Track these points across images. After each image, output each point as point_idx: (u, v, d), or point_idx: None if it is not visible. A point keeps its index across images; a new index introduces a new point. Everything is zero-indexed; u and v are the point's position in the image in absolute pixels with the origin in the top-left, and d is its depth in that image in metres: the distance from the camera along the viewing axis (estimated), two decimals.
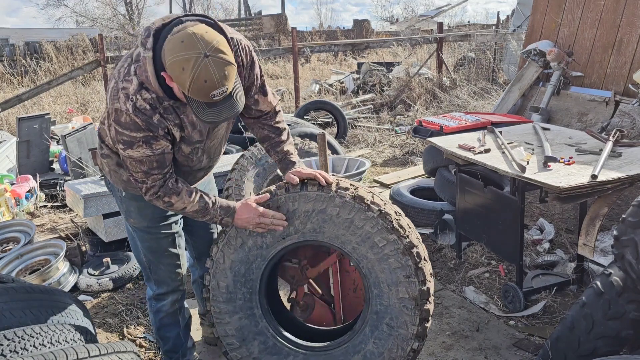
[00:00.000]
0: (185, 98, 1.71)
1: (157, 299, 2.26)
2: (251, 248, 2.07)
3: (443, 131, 4.12)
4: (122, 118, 1.75)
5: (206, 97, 1.64)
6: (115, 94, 1.75)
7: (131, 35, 18.91)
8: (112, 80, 1.81)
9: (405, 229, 1.99)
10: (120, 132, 1.78)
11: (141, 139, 1.77)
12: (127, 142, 1.78)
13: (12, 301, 2.01)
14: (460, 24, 25.27)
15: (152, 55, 1.71)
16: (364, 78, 11.05)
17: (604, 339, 2.03)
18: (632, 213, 1.92)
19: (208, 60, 1.59)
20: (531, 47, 5.24)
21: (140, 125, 1.75)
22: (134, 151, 1.79)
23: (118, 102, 1.74)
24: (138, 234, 2.14)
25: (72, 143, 5.40)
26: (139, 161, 1.81)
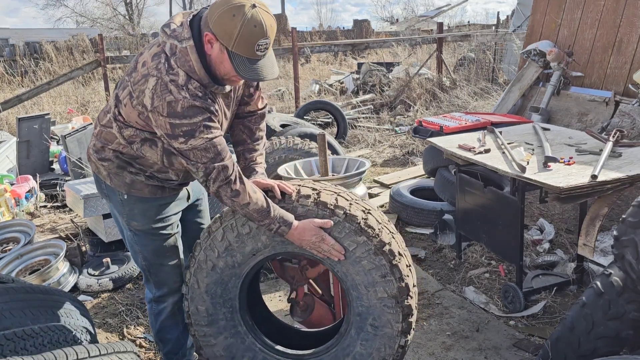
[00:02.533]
0: (227, 57, 1.73)
1: (158, 302, 2.25)
2: (223, 269, 2.03)
3: (443, 131, 4.12)
4: (179, 107, 1.73)
5: (252, 47, 1.71)
6: (164, 88, 1.74)
7: (131, 35, 18.91)
8: (149, 79, 1.77)
9: (375, 228, 1.92)
10: (178, 125, 1.75)
11: (201, 123, 1.76)
12: (188, 132, 1.75)
13: (12, 301, 2.01)
14: (460, 24, 25.27)
15: (193, 44, 1.76)
16: (364, 78, 11.05)
17: (604, 339, 2.03)
18: (632, 213, 1.92)
19: (257, 10, 1.69)
20: (531, 47, 5.24)
21: (200, 107, 1.76)
22: (196, 140, 1.76)
23: (170, 95, 1.73)
24: (140, 237, 2.12)
25: (72, 143, 5.40)
26: (203, 149, 1.78)
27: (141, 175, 2.00)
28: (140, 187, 2.01)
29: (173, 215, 2.15)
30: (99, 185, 2.13)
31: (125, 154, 1.98)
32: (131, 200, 2.04)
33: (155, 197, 2.05)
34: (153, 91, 1.75)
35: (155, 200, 2.05)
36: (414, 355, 2.61)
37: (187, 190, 2.21)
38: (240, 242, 1.98)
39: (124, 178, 2.01)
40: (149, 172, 2.01)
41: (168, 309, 2.25)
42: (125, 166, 1.99)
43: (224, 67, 1.78)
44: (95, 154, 2.03)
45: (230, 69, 1.77)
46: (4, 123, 8.20)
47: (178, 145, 1.79)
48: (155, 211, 2.07)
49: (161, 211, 2.08)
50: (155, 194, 2.04)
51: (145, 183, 2.01)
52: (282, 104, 10.28)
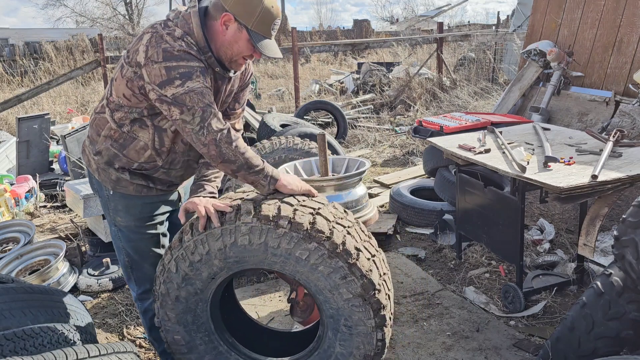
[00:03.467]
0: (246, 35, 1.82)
1: (142, 299, 2.25)
2: (187, 298, 1.99)
3: (443, 131, 4.11)
4: (175, 51, 1.75)
5: (269, 26, 1.85)
6: (159, 39, 1.77)
7: (131, 35, 18.91)
8: (144, 36, 1.81)
9: (325, 230, 1.83)
10: (174, 67, 1.74)
11: (197, 68, 1.78)
12: (185, 74, 1.75)
13: (12, 301, 2.01)
14: (460, 24, 25.27)
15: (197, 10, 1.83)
16: (364, 78, 11.05)
17: (604, 340, 2.03)
18: (632, 213, 1.92)
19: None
20: (531, 47, 5.24)
21: (195, 55, 1.79)
22: (193, 82, 1.75)
23: (166, 43, 1.76)
24: (124, 233, 2.12)
25: (72, 143, 5.40)
26: (200, 93, 1.76)
27: (126, 174, 2.01)
28: (125, 184, 2.02)
29: (159, 215, 2.14)
30: (90, 179, 2.15)
31: (115, 142, 1.97)
32: (116, 196, 2.05)
33: (140, 196, 2.05)
34: (147, 44, 1.78)
35: (140, 198, 2.06)
36: (414, 355, 2.61)
37: (178, 192, 2.22)
38: (195, 270, 1.92)
39: (109, 175, 2.02)
40: (135, 166, 2.00)
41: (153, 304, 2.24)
42: (112, 162, 2.00)
43: (237, 47, 1.86)
44: (90, 146, 2.05)
45: (245, 48, 1.86)
46: (4, 123, 8.20)
47: (173, 91, 1.74)
48: (139, 209, 2.07)
49: (146, 209, 2.08)
50: (140, 192, 2.04)
51: (129, 181, 2.02)
52: (282, 104, 10.28)
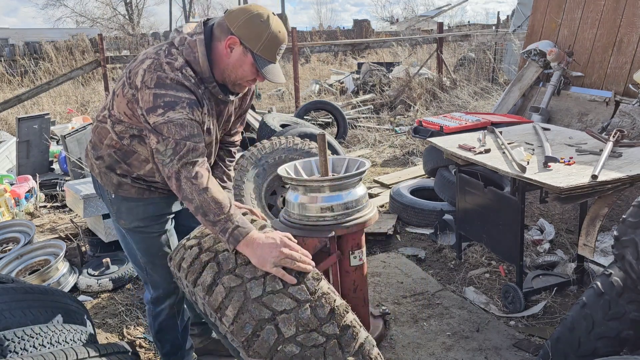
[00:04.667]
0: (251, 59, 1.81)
1: (155, 303, 2.24)
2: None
3: (443, 131, 4.11)
4: (168, 80, 1.74)
5: (274, 51, 1.83)
6: (158, 66, 1.76)
7: (131, 35, 18.90)
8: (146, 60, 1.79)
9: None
10: (162, 95, 1.72)
11: (186, 99, 1.75)
12: (170, 103, 1.72)
13: (12, 301, 2.01)
14: (460, 24, 25.27)
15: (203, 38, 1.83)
16: (364, 78, 11.05)
17: (604, 340, 2.03)
18: (632, 213, 1.92)
19: (277, 18, 1.85)
20: (531, 47, 5.24)
21: (188, 87, 1.77)
22: (176, 112, 1.72)
23: (162, 72, 1.75)
24: (130, 235, 2.12)
25: (72, 143, 5.40)
26: (180, 125, 1.72)
27: (127, 178, 2.01)
28: (127, 188, 2.02)
29: (163, 215, 2.13)
30: (94, 182, 2.16)
31: (118, 151, 1.98)
32: (118, 199, 2.05)
33: (142, 198, 2.05)
34: (146, 69, 1.77)
35: (142, 200, 2.05)
36: (414, 355, 2.61)
37: None
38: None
39: (111, 179, 2.02)
40: (135, 175, 2.01)
41: (166, 311, 2.24)
42: (114, 167, 2.00)
43: (242, 70, 1.85)
44: (92, 151, 2.06)
45: (249, 72, 1.85)
46: (4, 123, 8.20)
47: (154, 119, 1.72)
48: (142, 210, 2.06)
49: (149, 210, 2.07)
50: (142, 195, 2.04)
51: (131, 185, 2.02)
52: (282, 104, 10.28)
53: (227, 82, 1.90)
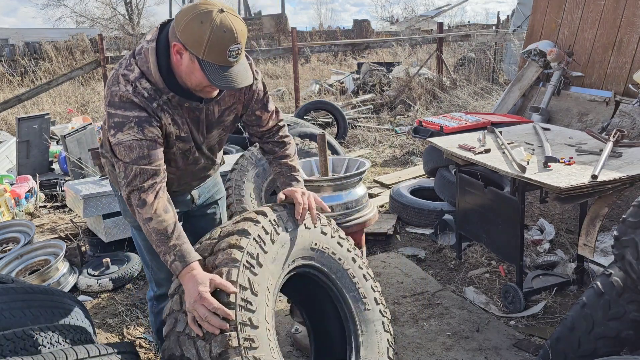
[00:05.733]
0: (199, 66, 1.66)
1: (158, 300, 2.25)
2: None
3: (443, 131, 4.11)
4: (117, 98, 1.70)
5: (223, 54, 1.63)
6: (115, 79, 1.73)
7: (131, 35, 18.91)
8: (112, 71, 1.80)
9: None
10: (112, 114, 1.70)
11: (134, 118, 1.69)
12: (118, 124, 1.69)
13: (12, 301, 2.01)
14: (460, 24, 25.27)
15: (155, 46, 1.73)
16: (364, 78, 11.05)
17: (604, 340, 2.03)
18: (632, 213, 1.92)
19: (225, 15, 1.63)
20: (531, 47, 5.24)
21: (137, 103, 1.70)
22: (124, 134, 1.68)
23: (117, 86, 1.71)
24: (137, 233, 2.14)
25: (72, 143, 5.40)
26: (128, 147, 1.69)
27: None
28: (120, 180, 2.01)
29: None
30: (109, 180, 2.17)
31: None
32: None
33: None
34: (108, 82, 1.77)
35: None
36: (414, 355, 2.61)
37: (192, 194, 2.19)
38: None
39: (115, 176, 2.01)
40: None
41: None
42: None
43: (195, 78, 1.71)
44: (101, 149, 2.07)
45: (202, 79, 1.69)
46: (4, 123, 8.20)
47: (111, 139, 1.72)
48: None
49: None
50: None
51: None
52: (282, 104, 10.27)
53: (191, 89, 1.78)
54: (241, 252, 1.69)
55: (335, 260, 2.05)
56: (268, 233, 1.81)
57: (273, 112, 2.07)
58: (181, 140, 1.88)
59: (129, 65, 1.75)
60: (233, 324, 1.57)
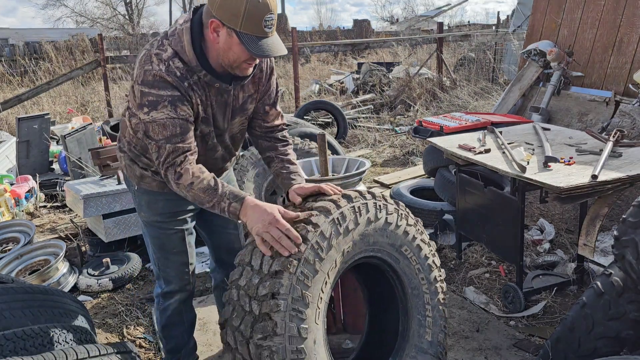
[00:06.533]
0: (237, 39, 1.71)
1: (165, 297, 2.26)
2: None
3: (443, 131, 4.11)
4: (151, 77, 1.75)
5: (260, 24, 1.69)
6: (148, 58, 1.78)
7: (131, 35, 18.91)
8: (142, 51, 1.83)
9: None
10: (146, 93, 1.75)
11: (167, 97, 1.75)
12: (152, 103, 1.74)
13: (12, 301, 2.01)
14: (460, 24, 25.27)
15: (190, 26, 1.78)
16: (364, 78, 11.05)
17: (604, 340, 2.03)
18: (632, 213, 1.92)
19: None
20: (531, 47, 5.24)
21: (170, 82, 1.75)
22: (158, 112, 1.74)
23: (150, 65, 1.76)
24: (148, 229, 2.15)
25: (72, 143, 5.40)
26: (161, 125, 1.75)
27: (148, 171, 2.04)
28: (149, 181, 2.05)
29: (182, 212, 2.13)
30: (124, 175, 2.20)
31: (135, 146, 2.01)
32: (140, 191, 2.10)
33: (163, 192, 2.06)
34: (139, 61, 1.80)
35: (162, 194, 2.07)
36: None
37: None
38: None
39: (134, 171, 2.07)
40: (154, 168, 2.03)
41: (174, 305, 2.26)
42: (135, 160, 2.04)
43: (233, 53, 1.77)
44: (119, 144, 2.11)
45: (240, 52, 1.75)
46: (4, 123, 8.19)
47: (142, 117, 1.77)
48: (161, 205, 2.09)
49: (169, 205, 2.09)
50: (163, 188, 2.04)
51: (152, 178, 2.04)
52: (282, 103, 10.27)
53: (226, 67, 1.83)
54: (335, 210, 1.73)
55: (412, 264, 2.05)
56: (356, 212, 1.81)
57: (280, 113, 2.13)
58: (203, 122, 1.92)
59: (161, 45, 1.80)
60: (298, 256, 1.63)
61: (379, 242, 1.88)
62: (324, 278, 1.70)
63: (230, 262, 2.42)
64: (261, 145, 2.15)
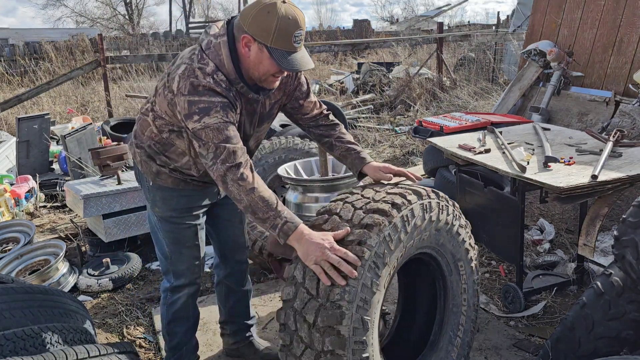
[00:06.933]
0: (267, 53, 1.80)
1: (174, 291, 2.29)
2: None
3: (443, 131, 4.11)
4: (201, 87, 1.81)
5: (290, 40, 1.79)
6: (192, 72, 1.83)
7: (131, 35, 18.90)
8: (181, 66, 1.88)
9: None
10: (195, 102, 1.80)
11: (219, 103, 1.81)
12: (204, 109, 1.79)
13: (12, 301, 2.01)
14: (460, 24, 25.27)
15: (227, 40, 1.86)
16: (364, 78, 11.05)
17: (604, 340, 2.03)
18: (632, 213, 1.92)
19: (287, 5, 1.80)
20: (531, 47, 5.23)
21: (219, 91, 1.82)
22: (211, 118, 1.79)
23: (195, 78, 1.82)
24: (162, 223, 2.19)
25: (72, 143, 5.40)
26: (216, 129, 1.79)
27: (166, 168, 2.09)
28: (164, 177, 2.10)
29: (196, 207, 2.20)
30: (135, 170, 2.26)
31: (157, 143, 2.06)
32: (155, 187, 2.14)
33: (178, 189, 2.12)
34: (181, 75, 1.85)
35: (177, 191, 2.13)
36: None
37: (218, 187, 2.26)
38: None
39: (150, 167, 2.11)
40: (172, 166, 2.08)
41: (182, 299, 2.29)
42: (153, 157, 2.08)
43: (263, 67, 1.85)
44: (135, 139, 2.15)
45: (270, 66, 1.84)
46: (4, 123, 8.19)
47: (192, 125, 1.81)
48: (176, 200, 2.14)
49: (183, 201, 2.15)
50: (178, 185, 2.12)
51: (169, 175, 2.10)
52: None
53: (255, 80, 1.92)
54: (388, 223, 1.72)
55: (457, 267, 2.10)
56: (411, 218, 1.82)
57: (316, 102, 2.21)
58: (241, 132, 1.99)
59: (201, 59, 1.86)
60: (355, 282, 1.63)
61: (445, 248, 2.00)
62: (378, 299, 1.71)
63: (234, 257, 2.48)
64: (314, 134, 2.24)
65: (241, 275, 2.52)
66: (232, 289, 2.53)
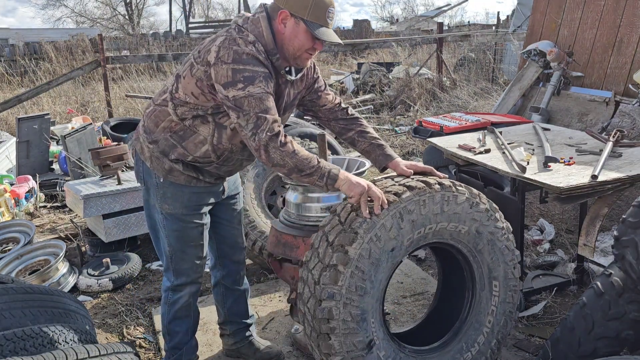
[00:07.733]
0: (303, 26, 1.91)
1: (175, 290, 2.29)
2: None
3: (443, 131, 4.11)
4: (245, 55, 1.87)
5: (324, 14, 1.92)
6: (233, 41, 1.90)
7: (131, 35, 18.90)
8: (219, 38, 1.94)
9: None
10: (240, 70, 1.85)
11: (262, 73, 1.88)
12: (249, 78, 1.85)
13: (12, 301, 2.02)
14: (460, 24, 25.27)
15: (265, 15, 1.96)
16: (364, 78, 11.05)
17: (604, 340, 2.03)
18: (632, 213, 1.92)
19: None
20: (531, 47, 5.24)
21: (262, 60, 1.90)
22: (255, 87, 1.85)
23: (237, 46, 1.88)
24: (169, 221, 2.18)
25: (72, 143, 5.40)
26: (259, 99, 1.86)
27: (179, 164, 2.09)
28: (177, 174, 2.11)
29: (204, 206, 2.22)
30: (137, 167, 2.22)
31: (175, 134, 2.06)
32: (166, 184, 2.13)
33: (189, 186, 2.13)
34: (220, 45, 1.91)
35: (188, 187, 2.14)
36: None
37: (223, 185, 2.29)
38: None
39: (162, 164, 2.10)
40: (190, 158, 2.09)
41: (184, 299, 2.29)
42: (167, 152, 2.08)
43: (297, 41, 1.95)
44: (145, 134, 2.14)
45: (305, 40, 1.94)
46: (4, 123, 8.20)
47: (234, 93, 1.85)
48: (187, 197, 2.15)
49: (193, 199, 2.16)
50: (189, 182, 2.13)
51: (181, 172, 2.10)
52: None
53: (289, 57, 1.99)
54: (430, 188, 1.94)
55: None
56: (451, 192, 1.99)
57: (333, 95, 2.31)
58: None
59: (240, 31, 1.94)
60: (376, 219, 1.85)
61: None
62: (392, 247, 1.88)
63: (232, 258, 2.50)
64: (335, 128, 2.31)
65: (238, 275, 2.54)
66: (229, 289, 2.53)
